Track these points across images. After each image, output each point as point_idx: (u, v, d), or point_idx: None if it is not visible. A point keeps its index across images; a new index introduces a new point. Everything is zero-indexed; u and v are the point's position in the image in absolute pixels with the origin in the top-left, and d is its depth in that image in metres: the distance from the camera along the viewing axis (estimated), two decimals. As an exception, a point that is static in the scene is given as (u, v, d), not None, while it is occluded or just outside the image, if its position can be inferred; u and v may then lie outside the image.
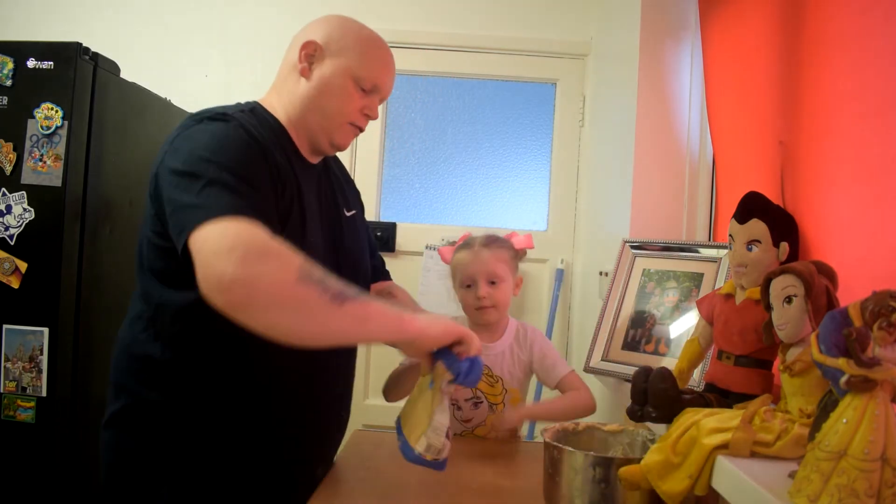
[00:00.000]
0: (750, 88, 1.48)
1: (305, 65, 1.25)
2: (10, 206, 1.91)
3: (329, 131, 1.27)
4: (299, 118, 1.26)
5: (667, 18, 1.97)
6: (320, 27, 1.27)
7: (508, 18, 2.76)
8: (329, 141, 1.28)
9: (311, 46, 1.25)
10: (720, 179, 1.79)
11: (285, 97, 1.27)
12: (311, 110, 1.25)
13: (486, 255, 1.60)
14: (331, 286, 0.99)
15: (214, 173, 1.04)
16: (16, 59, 1.92)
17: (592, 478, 1.03)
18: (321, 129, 1.26)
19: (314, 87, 1.24)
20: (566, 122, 2.77)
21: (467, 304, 1.62)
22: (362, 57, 1.26)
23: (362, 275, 1.40)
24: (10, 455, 1.88)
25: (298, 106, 1.26)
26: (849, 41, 1.09)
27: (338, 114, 1.25)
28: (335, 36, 1.26)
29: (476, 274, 1.60)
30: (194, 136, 1.12)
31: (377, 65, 1.28)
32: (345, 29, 1.28)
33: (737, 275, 1.11)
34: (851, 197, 1.07)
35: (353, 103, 1.26)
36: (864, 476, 0.67)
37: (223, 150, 1.08)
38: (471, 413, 1.60)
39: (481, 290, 1.59)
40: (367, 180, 2.74)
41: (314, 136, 1.27)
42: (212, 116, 1.15)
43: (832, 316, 0.74)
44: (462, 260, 1.62)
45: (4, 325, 1.89)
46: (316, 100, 1.24)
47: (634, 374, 1.09)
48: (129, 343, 1.22)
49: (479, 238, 1.64)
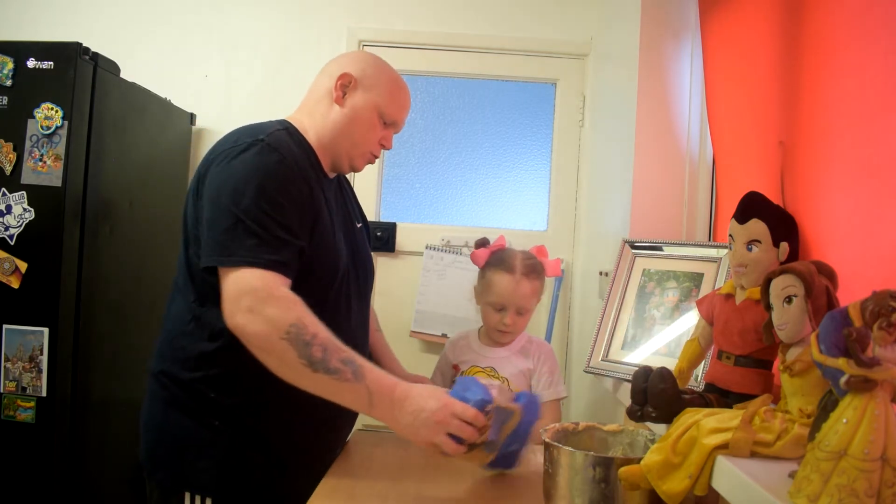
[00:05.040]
0: (750, 89, 1.48)
1: (340, 93, 1.39)
2: (10, 206, 1.91)
3: (352, 156, 1.42)
4: (329, 140, 1.39)
5: (667, 18, 1.97)
6: (356, 61, 1.42)
7: (508, 18, 2.75)
8: (350, 164, 1.43)
9: (347, 78, 1.39)
10: (720, 179, 1.79)
11: (318, 120, 1.40)
12: (341, 135, 1.39)
13: (525, 288, 1.65)
14: (313, 352, 1.11)
15: (244, 212, 1.18)
16: (16, 59, 1.92)
17: (592, 478, 1.03)
18: (346, 153, 1.41)
19: (346, 115, 1.38)
20: (566, 122, 2.77)
21: (491, 322, 1.67)
22: (389, 95, 1.41)
23: (370, 275, 1.54)
24: (10, 455, 1.88)
25: (329, 129, 1.39)
26: (849, 41, 1.09)
27: (363, 142, 1.41)
28: (369, 72, 1.41)
29: (510, 304, 1.64)
30: (235, 165, 1.24)
31: (399, 103, 1.44)
32: (377, 68, 1.43)
33: (737, 275, 1.11)
34: (851, 197, 1.07)
35: (375, 134, 1.42)
36: (864, 476, 0.67)
37: (250, 183, 1.21)
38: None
39: (509, 319, 1.64)
40: (367, 180, 2.74)
41: (338, 157, 1.41)
42: (252, 144, 1.26)
43: (832, 316, 0.74)
44: (499, 283, 1.64)
45: (4, 325, 1.89)
46: (346, 126, 1.38)
47: (634, 374, 1.09)
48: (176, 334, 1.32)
49: (521, 263, 1.66)
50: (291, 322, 1.11)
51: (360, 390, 1.12)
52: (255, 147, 1.25)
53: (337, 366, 1.12)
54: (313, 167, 1.35)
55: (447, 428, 1.12)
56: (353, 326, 1.40)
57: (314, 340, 1.11)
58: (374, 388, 1.13)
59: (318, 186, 1.33)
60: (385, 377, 1.16)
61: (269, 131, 1.30)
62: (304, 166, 1.31)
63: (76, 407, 1.96)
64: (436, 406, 1.13)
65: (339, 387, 1.12)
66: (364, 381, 1.13)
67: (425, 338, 2.61)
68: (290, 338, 1.11)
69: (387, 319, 2.75)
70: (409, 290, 2.68)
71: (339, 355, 1.13)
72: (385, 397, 1.13)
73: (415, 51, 2.76)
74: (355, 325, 1.42)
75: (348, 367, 1.12)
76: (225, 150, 1.27)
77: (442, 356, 1.70)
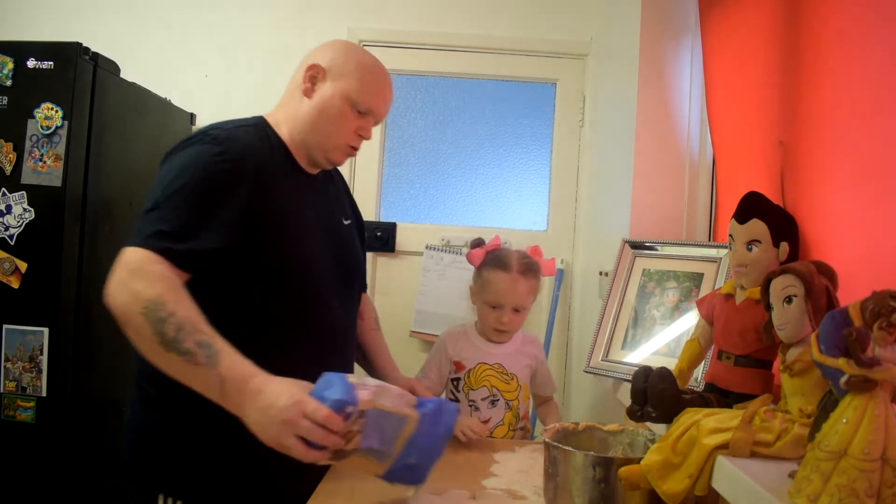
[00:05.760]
0: (750, 88, 1.48)
1: (308, 85, 1.35)
2: (10, 206, 1.91)
3: (326, 149, 1.36)
4: (300, 135, 1.36)
5: (667, 18, 1.97)
6: (326, 51, 1.38)
7: (508, 18, 2.75)
8: (325, 157, 1.37)
9: (315, 69, 1.35)
10: (720, 179, 1.79)
11: (290, 114, 1.37)
12: (311, 128, 1.35)
13: (522, 287, 1.64)
14: (166, 329, 1.06)
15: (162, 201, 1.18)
16: (16, 59, 1.92)
17: (592, 478, 1.03)
18: (318, 147, 1.36)
19: (315, 108, 1.34)
20: (566, 122, 2.77)
21: (487, 320, 1.66)
22: (361, 83, 1.35)
23: (358, 279, 1.51)
24: (10, 455, 1.88)
25: (300, 123, 1.35)
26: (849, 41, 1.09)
27: (334, 133, 1.35)
28: (339, 61, 1.36)
29: (507, 302, 1.63)
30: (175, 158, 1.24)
31: (373, 90, 1.37)
32: (348, 55, 1.38)
33: (737, 275, 1.11)
34: (851, 197, 1.07)
35: (348, 124, 1.35)
36: (864, 476, 0.67)
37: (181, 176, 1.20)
38: (488, 413, 1.61)
39: (505, 317, 1.63)
40: (367, 180, 2.74)
41: (312, 152, 1.37)
42: (199, 138, 1.25)
43: (832, 316, 0.74)
44: (496, 281, 1.63)
45: (4, 325, 1.89)
46: (315, 119, 1.34)
47: (634, 374, 1.09)
48: None
49: (517, 262, 1.65)
50: (150, 298, 1.08)
51: (211, 376, 1.05)
52: (200, 142, 1.24)
53: (190, 347, 1.05)
54: (282, 164, 1.33)
55: (296, 429, 0.98)
56: (331, 331, 1.36)
57: (170, 318, 1.06)
58: (227, 375, 1.04)
59: (283, 185, 1.30)
60: (244, 367, 1.06)
61: (229, 127, 1.29)
62: (262, 163, 1.27)
63: (76, 407, 1.96)
64: (286, 403, 0.99)
65: (191, 370, 1.06)
66: (217, 368, 1.04)
67: (425, 338, 2.61)
68: (146, 312, 1.07)
69: (387, 319, 2.74)
70: (409, 290, 2.68)
71: (195, 337, 1.06)
72: (236, 388, 1.04)
73: (415, 51, 2.76)
74: (333, 330, 1.37)
75: (203, 351, 1.05)
76: (179, 143, 1.27)
77: (438, 351, 1.68)
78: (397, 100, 2.80)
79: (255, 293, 1.26)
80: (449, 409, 1.15)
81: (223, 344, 1.07)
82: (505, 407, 1.61)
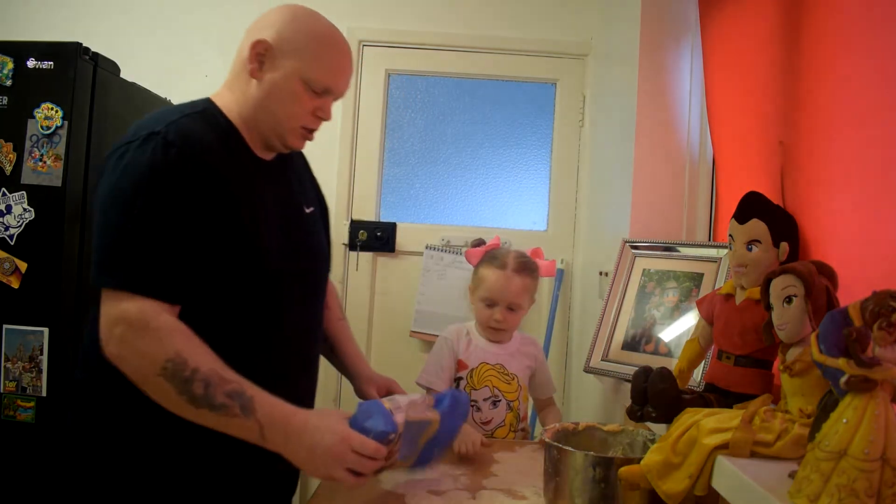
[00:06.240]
0: (750, 88, 1.48)
1: (256, 65, 1.19)
2: (10, 206, 1.91)
3: (280, 134, 1.23)
4: (251, 118, 1.22)
5: (667, 18, 1.97)
6: (273, 23, 1.20)
7: (508, 18, 2.75)
8: (281, 143, 1.24)
9: (262, 46, 1.18)
10: (720, 179, 1.79)
11: (238, 95, 1.22)
12: (262, 113, 1.21)
13: (516, 284, 1.63)
14: (194, 389, 1.01)
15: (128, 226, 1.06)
16: (16, 59, 1.92)
17: (592, 478, 1.03)
18: (272, 132, 1.22)
19: (264, 91, 1.19)
20: (566, 122, 2.77)
21: (482, 318, 1.66)
22: (314, 59, 1.19)
23: (322, 269, 1.38)
24: (10, 455, 1.88)
25: (250, 107, 1.21)
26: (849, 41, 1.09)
27: (288, 117, 1.21)
28: (287, 35, 1.19)
29: (501, 300, 1.63)
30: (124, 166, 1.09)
31: (330, 66, 1.21)
32: (298, 25, 1.20)
33: (737, 275, 1.11)
34: (851, 197, 1.07)
35: (303, 106, 1.21)
36: (864, 476, 0.67)
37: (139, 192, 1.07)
38: (490, 413, 1.61)
39: (500, 315, 1.63)
40: (367, 180, 2.74)
41: (266, 137, 1.23)
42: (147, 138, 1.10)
43: (832, 316, 0.74)
44: (490, 278, 1.64)
45: (4, 325, 1.89)
46: (266, 103, 1.20)
47: (634, 374, 1.09)
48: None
49: (512, 260, 1.65)
50: (168, 357, 1.01)
51: (250, 425, 1.03)
52: (149, 143, 1.09)
53: (223, 401, 1.02)
54: (234, 152, 1.19)
55: (345, 464, 1.03)
56: (290, 334, 1.24)
57: (195, 376, 1.01)
58: (265, 421, 1.03)
59: (237, 176, 1.17)
60: (279, 409, 1.05)
61: (174, 119, 1.14)
62: (216, 156, 1.14)
63: (76, 407, 1.96)
64: (332, 441, 1.02)
65: (227, 422, 1.03)
66: (254, 416, 1.03)
67: (425, 338, 2.61)
68: (167, 374, 1.01)
69: (387, 319, 2.77)
70: (409, 290, 2.69)
71: (224, 388, 1.02)
72: (279, 431, 1.04)
73: (415, 51, 2.76)
74: (293, 332, 1.25)
75: (235, 402, 1.02)
76: (122, 144, 1.12)
77: (441, 350, 1.67)
78: (397, 100, 2.82)
79: (209, 295, 1.13)
80: (462, 400, 1.25)
81: (252, 388, 1.04)
82: (506, 407, 1.61)
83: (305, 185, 1.38)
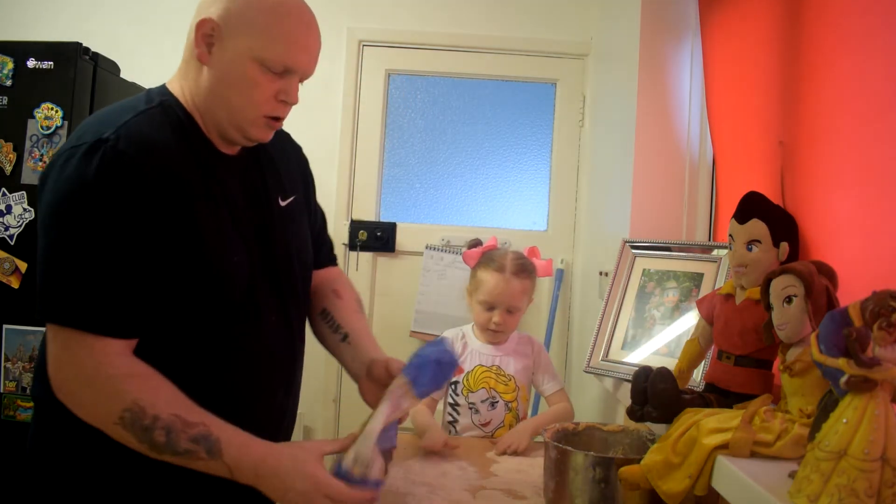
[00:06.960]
0: (750, 88, 1.48)
1: (203, 49, 1.03)
2: (10, 206, 1.91)
3: (239, 125, 1.06)
4: (205, 109, 1.06)
5: (667, 18, 1.97)
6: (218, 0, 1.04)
7: (508, 18, 2.76)
8: (242, 136, 1.07)
9: (208, 25, 1.02)
10: (720, 179, 1.79)
11: (191, 83, 1.07)
12: (216, 102, 1.05)
13: (514, 287, 1.63)
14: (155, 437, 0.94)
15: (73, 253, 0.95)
16: (16, 59, 1.92)
17: (592, 478, 1.03)
18: (230, 124, 1.06)
19: (215, 76, 1.03)
20: (566, 122, 2.77)
21: (481, 321, 1.67)
22: (268, 35, 1.02)
23: (300, 266, 1.20)
24: (10, 455, 1.88)
25: (203, 96, 1.05)
26: (849, 41, 1.09)
27: (246, 105, 1.04)
28: (234, 9, 1.02)
29: (499, 303, 1.63)
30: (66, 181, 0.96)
31: (287, 41, 1.04)
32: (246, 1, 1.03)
33: (737, 275, 1.11)
34: (851, 197, 1.07)
35: (261, 92, 1.03)
36: (864, 476, 0.67)
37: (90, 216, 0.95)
38: (488, 415, 1.61)
39: (498, 318, 1.63)
40: (367, 180, 2.74)
41: (224, 130, 1.07)
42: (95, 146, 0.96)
43: (832, 316, 0.74)
44: (489, 281, 1.63)
45: (4, 325, 1.89)
46: (218, 90, 1.04)
47: (634, 374, 1.09)
48: None
49: (510, 262, 1.65)
50: (125, 407, 0.93)
51: (216, 467, 0.97)
52: (95, 154, 0.95)
53: (187, 447, 0.95)
54: (195, 151, 1.05)
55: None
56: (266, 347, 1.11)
57: (156, 424, 0.93)
58: (233, 464, 0.96)
59: (198, 180, 1.04)
60: (247, 451, 0.97)
61: (125, 119, 1.00)
62: (173, 161, 1.01)
63: (76, 407, 1.96)
64: (304, 487, 0.96)
65: (194, 464, 0.96)
66: (221, 458, 0.96)
67: (425, 338, 2.61)
68: (124, 424, 0.93)
69: (387, 319, 2.77)
70: (409, 290, 2.69)
71: (188, 433, 0.95)
72: (248, 473, 0.97)
73: (415, 51, 2.76)
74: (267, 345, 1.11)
75: (201, 446, 0.95)
76: (65, 150, 0.99)
77: None
78: (397, 99, 2.82)
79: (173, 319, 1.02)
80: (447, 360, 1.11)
81: (220, 428, 0.97)
82: (505, 408, 1.61)
83: (281, 175, 1.20)
